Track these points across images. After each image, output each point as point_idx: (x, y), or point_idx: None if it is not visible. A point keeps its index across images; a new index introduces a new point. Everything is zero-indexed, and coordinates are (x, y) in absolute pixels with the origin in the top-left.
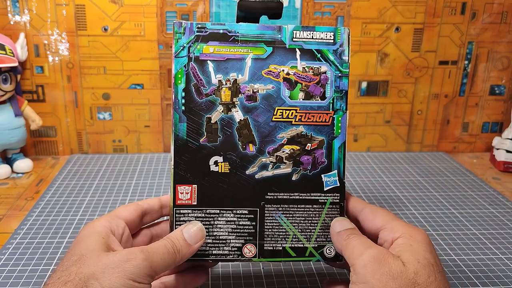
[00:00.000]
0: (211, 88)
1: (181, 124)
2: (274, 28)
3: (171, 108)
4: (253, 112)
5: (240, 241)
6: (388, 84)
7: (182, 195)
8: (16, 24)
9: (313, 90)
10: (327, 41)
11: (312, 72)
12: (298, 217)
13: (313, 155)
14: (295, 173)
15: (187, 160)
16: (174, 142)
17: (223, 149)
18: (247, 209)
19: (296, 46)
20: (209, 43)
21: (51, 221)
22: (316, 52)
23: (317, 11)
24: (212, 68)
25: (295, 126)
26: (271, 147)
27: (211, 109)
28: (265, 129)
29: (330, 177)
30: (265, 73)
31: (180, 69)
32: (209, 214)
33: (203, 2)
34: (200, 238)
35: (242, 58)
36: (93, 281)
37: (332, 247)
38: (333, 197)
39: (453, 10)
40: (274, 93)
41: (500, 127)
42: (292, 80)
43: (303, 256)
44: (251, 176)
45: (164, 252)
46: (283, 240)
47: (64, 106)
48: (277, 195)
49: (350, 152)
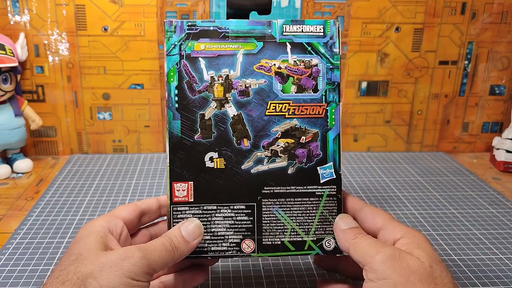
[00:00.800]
0: (204, 84)
1: (175, 121)
2: (264, 23)
3: (164, 103)
4: (246, 107)
5: (239, 236)
6: (388, 84)
7: (178, 192)
8: (16, 24)
9: (305, 83)
10: (317, 34)
11: (303, 65)
12: (295, 211)
13: (308, 148)
14: (291, 167)
15: (182, 157)
16: (169, 139)
17: (217, 145)
18: (244, 204)
19: (286, 40)
20: (200, 40)
21: (51, 221)
22: (307, 45)
23: (317, 11)
24: (204, 65)
25: (289, 120)
26: (266, 141)
27: (205, 106)
28: (259, 123)
29: (326, 169)
30: (256, 68)
31: (172, 67)
32: (206, 211)
33: (203, 2)
34: (198, 235)
35: (233, 54)
36: (91, 280)
37: (331, 239)
38: (329, 189)
39: (453, 10)
40: (267, 87)
41: (500, 127)
42: (284, 74)
43: (302, 250)
44: (246, 171)
45: (162, 249)
46: (281, 234)
47: (64, 106)
48: (274, 189)
49: (350, 152)
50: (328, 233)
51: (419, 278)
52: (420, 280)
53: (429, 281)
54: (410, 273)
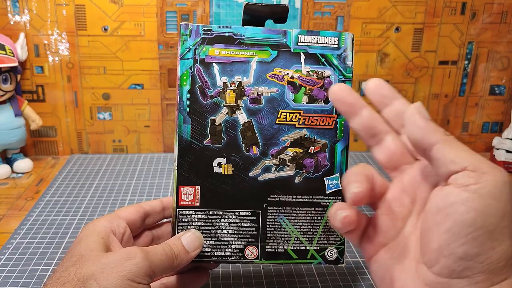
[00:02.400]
0: (216, 90)
1: (185, 125)
2: (279, 32)
3: (176, 109)
4: (257, 115)
5: (242, 243)
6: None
7: (185, 196)
8: (16, 24)
9: (316, 94)
10: (331, 46)
11: (316, 76)
12: (300, 220)
13: (316, 158)
14: (298, 176)
15: (191, 161)
16: (178, 143)
17: (226, 151)
18: (250, 211)
19: (300, 50)
20: (215, 45)
21: (51, 221)
22: (321, 56)
23: (317, 11)
24: (217, 70)
25: (299, 129)
26: (275, 150)
27: (216, 111)
28: (269, 131)
29: (332, 180)
30: (269, 76)
31: (186, 71)
32: (212, 216)
33: (203, 2)
34: (198, 246)
35: (247, 61)
36: (92, 281)
37: (334, 249)
38: (335, 200)
39: (453, 10)
40: (278, 96)
41: (500, 127)
42: (296, 84)
43: (304, 259)
44: (254, 178)
45: (163, 254)
46: (285, 242)
47: (64, 106)
48: (280, 197)
49: (350, 152)
50: (331, 243)
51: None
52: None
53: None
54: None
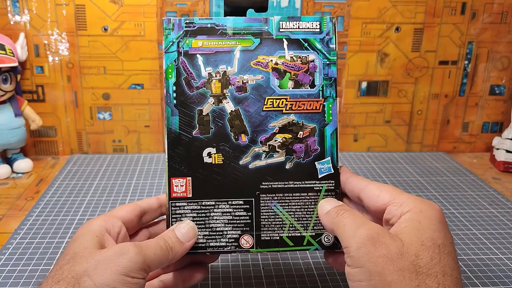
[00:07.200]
0: (201, 81)
1: (173, 117)
2: (260, 20)
3: (163, 102)
4: (243, 103)
5: (237, 232)
6: (388, 84)
7: (177, 188)
8: (16, 24)
9: (302, 79)
10: (313, 30)
11: (300, 61)
12: (294, 206)
13: (305, 143)
14: (289, 162)
15: (181, 153)
16: (167, 135)
17: (215, 140)
18: (243, 200)
19: (283, 37)
20: (198, 37)
21: (51, 221)
22: (303, 41)
23: (317, 11)
24: (201, 61)
25: (286, 115)
26: (263, 137)
27: (202, 102)
28: (257, 119)
29: (323, 164)
30: (253, 64)
31: (171, 64)
32: (205, 206)
33: (203, 2)
34: (192, 236)
35: (231, 51)
36: (86, 278)
37: (330, 234)
38: (328, 184)
39: (453, 10)
40: (264, 83)
41: (500, 127)
42: (281, 70)
43: (300, 245)
44: (244, 166)
45: (157, 247)
46: (280, 230)
47: (64, 106)
48: (272, 184)
49: (350, 152)
50: None
51: (398, 268)
52: (400, 269)
53: (410, 271)
54: (387, 261)
